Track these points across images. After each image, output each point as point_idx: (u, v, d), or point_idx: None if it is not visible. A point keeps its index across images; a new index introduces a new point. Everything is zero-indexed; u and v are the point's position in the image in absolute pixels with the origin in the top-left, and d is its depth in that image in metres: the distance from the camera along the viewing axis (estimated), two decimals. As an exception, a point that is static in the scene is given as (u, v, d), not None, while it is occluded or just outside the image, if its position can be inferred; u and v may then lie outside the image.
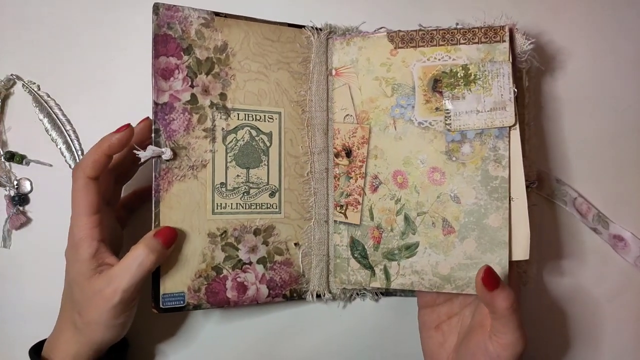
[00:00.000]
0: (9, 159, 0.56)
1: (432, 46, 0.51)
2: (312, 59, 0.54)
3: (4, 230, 0.56)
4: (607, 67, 0.57)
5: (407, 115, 0.51)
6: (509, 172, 0.48)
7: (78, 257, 0.45)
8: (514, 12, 0.55)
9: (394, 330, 0.57)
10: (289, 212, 0.53)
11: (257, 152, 0.51)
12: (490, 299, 0.43)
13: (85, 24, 0.58)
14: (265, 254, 0.51)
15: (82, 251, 0.45)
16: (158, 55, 0.47)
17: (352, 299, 0.57)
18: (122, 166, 0.51)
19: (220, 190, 0.50)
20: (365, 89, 0.53)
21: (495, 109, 0.48)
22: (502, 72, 0.48)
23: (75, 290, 0.45)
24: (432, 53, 0.51)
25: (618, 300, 0.57)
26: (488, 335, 0.45)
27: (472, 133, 0.49)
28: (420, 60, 0.51)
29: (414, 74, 0.51)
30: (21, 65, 0.58)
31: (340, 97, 0.54)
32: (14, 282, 0.56)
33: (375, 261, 0.51)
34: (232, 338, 0.57)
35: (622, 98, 0.57)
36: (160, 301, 0.47)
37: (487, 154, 0.48)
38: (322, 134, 0.54)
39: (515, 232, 0.47)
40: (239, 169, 0.51)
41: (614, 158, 0.57)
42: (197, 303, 0.48)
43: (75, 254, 0.45)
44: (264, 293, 0.51)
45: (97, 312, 0.44)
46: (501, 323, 0.43)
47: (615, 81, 0.57)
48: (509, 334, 0.43)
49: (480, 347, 0.45)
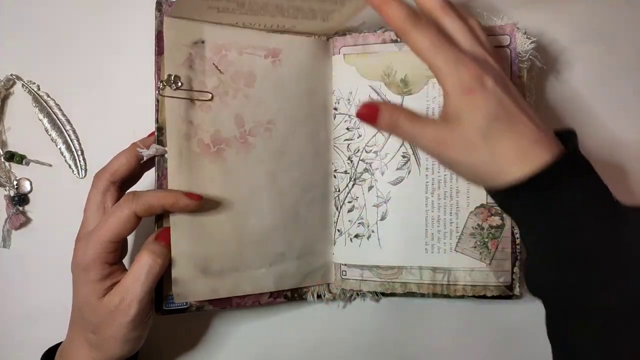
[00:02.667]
0: (9, 159, 0.57)
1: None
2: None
3: (4, 230, 0.56)
4: (608, 68, 0.56)
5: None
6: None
7: (88, 279, 0.44)
8: (515, 12, 0.54)
9: (394, 330, 0.57)
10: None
11: None
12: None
13: (85, 24, 0.58)
14: None
15: (94, 274, 0.43)
16: (160, 52, 0.46)
17: (353, 299, 0.57)
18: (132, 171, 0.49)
19: None
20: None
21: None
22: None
23: (86, 311, 0.44)
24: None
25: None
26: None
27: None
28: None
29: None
30: (21, 65, 0.58)
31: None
32: (14, 282, 0.56)
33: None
34: (233, 338, 0.57)
35: (622, 98, 0.56)
36: (163, 303, 0.47)
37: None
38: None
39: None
40: None
41: (614, 158, 0.56)
42: (200, 305, 0.48)
43: (86, 276, 0.44)
44: (266, 294, 0.51)
45: (114, 328, 0.43)
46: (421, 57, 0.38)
47: (615, 81, 0.56)
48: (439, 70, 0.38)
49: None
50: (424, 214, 0.51)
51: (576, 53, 0.56)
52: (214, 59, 0.48)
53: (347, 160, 0.53)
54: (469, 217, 0.50)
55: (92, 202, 0.46)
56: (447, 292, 0.51)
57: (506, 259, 0.50)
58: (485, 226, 0.50)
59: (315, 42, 0.52)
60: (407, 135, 0.40)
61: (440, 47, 0.38)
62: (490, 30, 0.50)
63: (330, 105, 0.53)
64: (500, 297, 0.51)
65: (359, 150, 0.52)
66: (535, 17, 0.55)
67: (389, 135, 0.51)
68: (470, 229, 0.50)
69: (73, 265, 0.44)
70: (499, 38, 0.50)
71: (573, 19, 0.56)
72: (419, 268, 0.51)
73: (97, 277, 0.43)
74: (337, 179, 0.53)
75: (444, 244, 0.51)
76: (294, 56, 0.51)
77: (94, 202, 0.46)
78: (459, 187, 0.50)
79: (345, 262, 0.53)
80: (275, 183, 0.50)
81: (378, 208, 0.52)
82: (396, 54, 0.51)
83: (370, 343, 0.57)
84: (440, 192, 0.51)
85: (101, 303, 0.43)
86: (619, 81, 0.56)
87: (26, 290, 0.56)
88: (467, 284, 0.51)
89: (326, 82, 0.53)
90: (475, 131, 0.37)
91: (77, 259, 0.44)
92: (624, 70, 0.56)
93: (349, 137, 0.53)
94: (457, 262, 0.51)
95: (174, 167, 0.46)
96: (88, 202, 0.46)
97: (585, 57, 0.56)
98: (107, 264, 0.44)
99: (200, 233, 0.47)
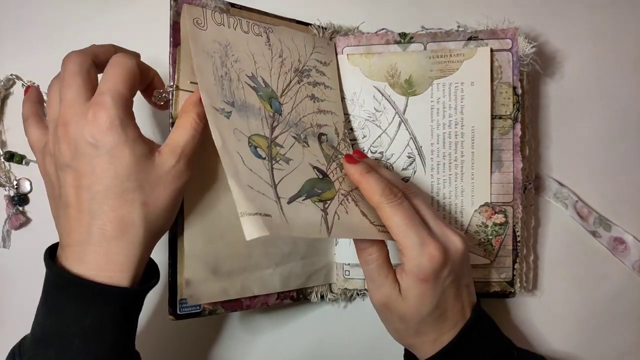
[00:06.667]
0: (9, 159, 0.56)
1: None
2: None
3: (4, 231, 0.55)
4: (607, 68, 0.57)
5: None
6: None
7: (128, 137, 0.39)
8: (515, 12, 0.55)
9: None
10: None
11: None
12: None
13: (85, 24, 0.58)
14: None
15: (131, 131, 0.39)
16: (176, 44, 0.46)
17: (352, 299, 0.57)
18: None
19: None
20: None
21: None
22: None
23: (132, 179, 0.39)
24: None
25: (617, 304, 0.57)
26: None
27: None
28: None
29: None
30: (21, 65, 0.57)
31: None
32: (14, 282, 0.56)
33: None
34: (232, 338, 0.57)
35: (622, 99, 0.57)
36: (178, 307, 0.46)
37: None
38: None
39: None
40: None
41: (614, 159, 0.57)
42: (213, 308, 0.47)
43: (124, 134, 0.38)
44: (273, 296, 0.51)
45: (169, 192, 0.40)
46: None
47: (615, 82, 0.57)
48: (404, 249, 0.42)
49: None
50: (429, 213, 0.52)
51: (573, 54, 0.57)
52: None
53: (352, 160, 0.53)
54: (473, 216, 0.51)
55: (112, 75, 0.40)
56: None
57: (507, 255, 0.51)
58: (489, 224, 0.51)
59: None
60: (370, 274, 0.45)
61: (410, 227, 0.42)
62: (492, 33, 0.51)
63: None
64: (501, 294, 0.51)
65: (363, 150, 0.53)
66: (533, 17, 0.57)
67: (394, 135, 0.52)
68: (475, 227, 0.51)
69: (91, 132, 0.38)
70: (501, 42, 0.51)
71: (571, 19, 0.58)
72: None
73: (137, 134, 0.40)
74: (340, 180, 0.54)
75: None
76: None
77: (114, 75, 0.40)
78: (464, 186, 0.51)
79: (349, 261, 0.53)
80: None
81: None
82: (400, 55, 0.52)
83: (370, 343, 0.57)
84: (445, 191, 0.51)
85: (152, 164, 0.40)
86: (617, 82, 0.57)
87: (26, 290, 0.55)
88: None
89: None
90: (415, 315, 0.43)
91: (101, 118, 0.38)
92: (622, 71, 0.57)
93: (353, 138, 0.53)
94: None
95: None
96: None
97: (584, 58, 0.57)
98: (134, 119, 0.40)
99: (212, 233, 0.47)
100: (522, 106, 0.51)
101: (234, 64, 0.46)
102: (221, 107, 0.43)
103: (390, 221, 0.42)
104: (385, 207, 0.42)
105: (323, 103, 0.52)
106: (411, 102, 0.52)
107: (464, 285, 0.44)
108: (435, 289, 0.42)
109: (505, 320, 0.56)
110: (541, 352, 0.56)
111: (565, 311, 0.56)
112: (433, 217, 0.44)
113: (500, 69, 0.51)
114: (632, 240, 0.55)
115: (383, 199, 0.42)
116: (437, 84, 0.51)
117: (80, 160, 0.38)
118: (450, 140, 0.51)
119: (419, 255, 0.41)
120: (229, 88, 0.45)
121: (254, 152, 0.43)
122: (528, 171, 0.54)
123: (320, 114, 0.51)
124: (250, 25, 0.49)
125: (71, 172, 0.39)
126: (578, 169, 0.57)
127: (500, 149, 0.51)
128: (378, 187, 0.43)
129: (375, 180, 0.43)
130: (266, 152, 0.44)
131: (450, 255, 0.42)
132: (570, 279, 0.57)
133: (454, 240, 0.43)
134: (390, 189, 0.43)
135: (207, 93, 0.43)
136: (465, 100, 0.51)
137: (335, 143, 0.51)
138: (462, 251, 0.43)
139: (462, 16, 0.54)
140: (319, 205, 0.44)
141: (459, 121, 0.51)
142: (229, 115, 0.43)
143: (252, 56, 0.48)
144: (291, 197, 0.43)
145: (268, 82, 0.48)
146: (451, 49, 0.51)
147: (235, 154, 0.41)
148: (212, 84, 0.44)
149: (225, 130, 0.42)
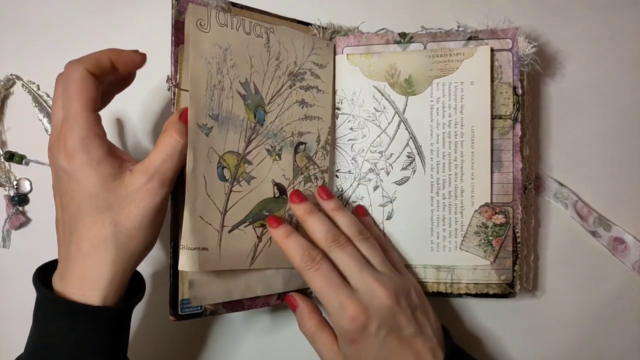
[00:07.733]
0: (9, 159, 0.56)
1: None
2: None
3: (4, 231, 0.55)
4: (607, 68, 0.57)
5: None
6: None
7: (92, 159, 0.39)
8: (515, 12, 0.55)
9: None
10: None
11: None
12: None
13: (85, 23, 0.58)
14: None
15: (94, 150, 0.39)
16: (178, 42, 0.46)
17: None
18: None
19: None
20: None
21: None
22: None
23: (100, 199, 0.39)
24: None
25: (617, 304, 0.57)
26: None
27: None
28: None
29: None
30: (21, 65, 0.57)
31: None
32: (14, 282, 0.56)
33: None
34: (233, 338, 0.57)
35: (622, 99, 0.57)
36: (179, 307, 0.45)
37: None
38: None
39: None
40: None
41: (614, 159, 0.57)
42: (214, 309, 0.47)
43: (86, 156, 0.39)
44: (274, 296, 0.51)
45: (141, 211, 0.40)
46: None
47: (615, 82, 0.57)
48: (329, 313, 0.44)
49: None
50: (429, 213, 0.52)
51: (573, 54, 0.57)
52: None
53: (351, 160, 0.53)
54: (473, 216, 0.51)
55: (72, 96, 0.40)
56: (450, 290, 0.52)
57: (507, 257, 0.51)
58: (489, 224, 0.51)
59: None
60: (310, 343, 0.47)
61: (329, 291, 0.43)
62: (492, 33, 0.51)
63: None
64: (501, 295, 0.51)
65: (363, 150, 0.53)
66: (533, 18, 0.57)
67: (394, 135, 0.52)
68: (475, 227, 0.51)
69: (61, 157, 0.39)
70: (501, 41, 0.51)
71: (571, 19, 0.58)
72: (423, 266, 0.52)
73: (102, 153, 0.40)
74: (340, 179, 0.54)
75: (449, 243, 0.51)
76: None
77: (75, 95, 0.40)
78: (464, 186, 0.51)
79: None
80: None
81: (384, 208, 0.52)
82: (400, 54, 0.52)
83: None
84: (445, 191, 0.51)
85: (123, 183, 0.40)
86: (617, 82, 0.57)
87: (26, 290, 0.55)
88: (470, 282, 0.51)
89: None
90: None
91: (65, 149, 0.39)
92: (622, 71, 0.57)
93: (352, 137, 0.53)
94: (461, 260, 0.51)
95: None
96: (64, 97, 0.41)
97: (584, 58, 0.57)
98: (100, 137, 0.40)
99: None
100: (522, 106, 0.51)
101: (230, 70, 0.47)
102: (204, 122, 0.45)
103: (312, 286, 0.44)
104: (304, 273, 0.44)
105: (312, 108, 0.52)
106: (411, 102, 0.52)
107: (411, 335, 0.43)
108: (368, 347, 0.43)
109: (506, 321, 0.56)
110: (541, 352, 0.56)
111: (565, 311, 0.56)
112: (359, 270, 0.44)
113: (500, 68, 0.51)
114: (632, 240, 0.55)
115: (302, 264, 0.44)
116: (436, 83, 0.51)
117: (59, 184, 0.41)
118: (450, 140, 0.51)
119: (340, 319, 0.42)
120: (218, 98, 0.46)
121: (220, 174, 0.46)
122: (528, 171, 0.54)
123: (306, 121, 0.52)
124: (253, 25, 0.49)
125: (57, 194, 0.43)
126: (578, 169, 0.57)
127: (500, 149, 0.51)
128: (297, 253, 0.44)
129: (294, 244, 0.45)
130: (232, 173, 0.47)
131: (372, 313, 0.42)
132: (570, 279, 0.56)
133: (378, 296, 0.43)
134: (309, 253, 0.44)
135: (195, 105, 0.44)
136: (465, 100, 0.51)
137: (312, 152, 0.52)
138: (386, 305, 0.42)
139: (462, 16, 0.54)
140: (257, 232, 0.48)
141: (459, 121, 0.51)
142: (209, 133, 0.45)
143: (249, 59, 0.48)
144: (234, 225, 0.47)
145: (259, 88, 0.49)
146: (451, 48, 0.51)
147: (201, 178, 0.44)
148: (203, 94, 0.45)
149: (201, 151, 0.44)
